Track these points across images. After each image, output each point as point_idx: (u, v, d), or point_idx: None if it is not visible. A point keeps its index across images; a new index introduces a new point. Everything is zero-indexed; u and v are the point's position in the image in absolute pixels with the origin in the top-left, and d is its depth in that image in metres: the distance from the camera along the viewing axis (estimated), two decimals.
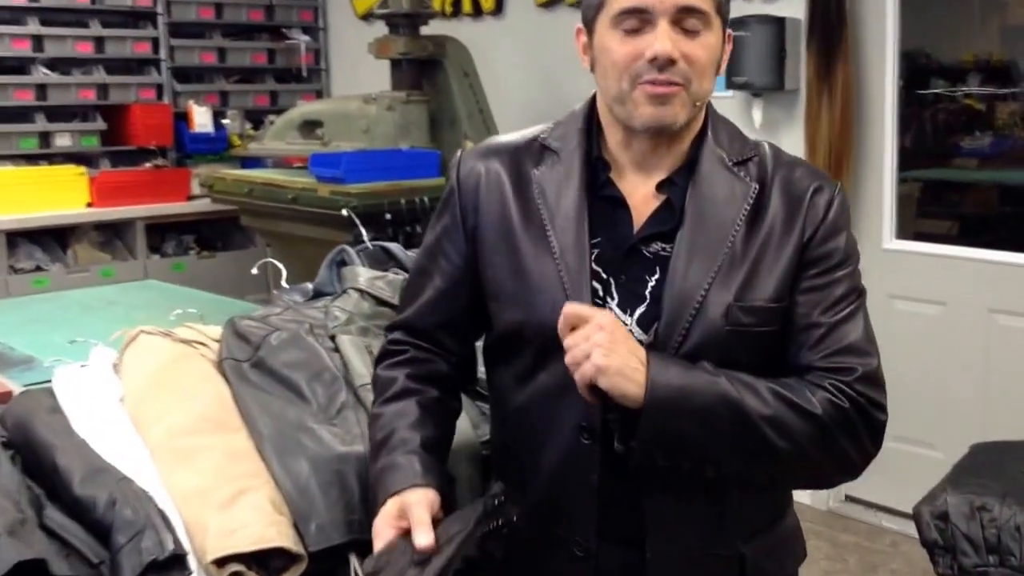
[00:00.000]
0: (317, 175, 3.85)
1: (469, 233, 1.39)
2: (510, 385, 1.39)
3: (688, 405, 1.20)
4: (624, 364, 1.19)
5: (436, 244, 1.43)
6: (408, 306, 1.47)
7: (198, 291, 3.10)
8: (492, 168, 1.38)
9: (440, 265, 1.42)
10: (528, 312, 1.32)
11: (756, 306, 1.27)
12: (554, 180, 1.34)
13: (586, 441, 1.30)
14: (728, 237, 1.28)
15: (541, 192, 1.34)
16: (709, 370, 1.23)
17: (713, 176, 1.31)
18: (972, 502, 2.23)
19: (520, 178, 1.37)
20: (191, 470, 1.44)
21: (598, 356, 1.18)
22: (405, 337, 1.46)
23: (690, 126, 1.31)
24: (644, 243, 1.31)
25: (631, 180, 1.34)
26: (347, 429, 1.59)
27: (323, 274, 2.12)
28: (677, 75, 1.25)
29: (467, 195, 1.39)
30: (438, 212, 1.44)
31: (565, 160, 1.35)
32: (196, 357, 1.74)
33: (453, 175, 1.42)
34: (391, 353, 1.47)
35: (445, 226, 1.42)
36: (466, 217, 1.39)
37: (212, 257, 5.09)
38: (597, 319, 1.20)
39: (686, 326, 1.26)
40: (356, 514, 1.46)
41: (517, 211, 1.35)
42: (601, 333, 1.19)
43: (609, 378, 1.18)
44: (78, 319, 2.67)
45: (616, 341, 1.19)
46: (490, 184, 1.38)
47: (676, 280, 1.27)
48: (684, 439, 1.22)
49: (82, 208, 4.73)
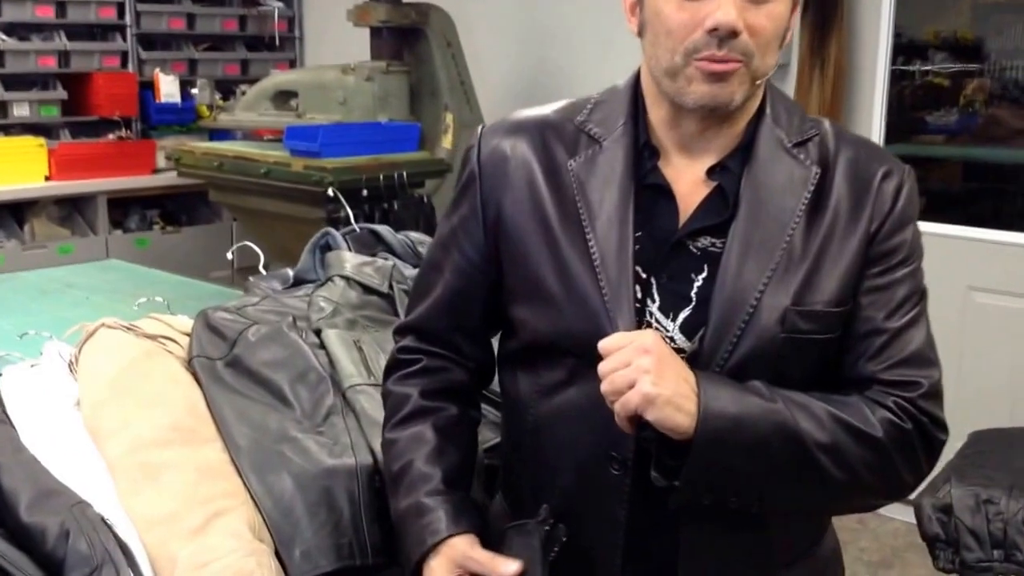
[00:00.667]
0: (291, 149, 3.67)
1: (490, 225, 1.21)
2: (530, 397, 1.22)
3: (742, 437, 1.06)
4: (675, 392, 1.03)
5: (451, 236, 1.25)
6: (418, 306, 1.30)
7: (164, 273, 2.90)
8: (519, 149, 1.20)
9: (454, 260, 1.25)
10: (559, 321, 1.15)
11: (816, 310, 1.12)
12: (596, 175, 1.17)
13: (616, 472, 1.14)
14: (787, 230, 1.12)
15: (580, 187, 1.17)
16: (764, 393, 1.08)
17: (771, 160, 1.15)
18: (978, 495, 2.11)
19: (552, 164, 1.19)
20: (157, 491, 1.26)
21: (646, 384, 1.02)
22: (416, 343, 1.29)
23: (746, 104, 1.14)
24: (691, 237, 1.14)
25: (676, 165, 1.17)
26: (335, 438, 1.41)
27: (305, 259, 1.94)
28: (738, 50, 1.07)
29: (489, 180, 1.21)
30: (455, 199, 1.26)
31: (608, 151, 1.17)
32: (163, 355, 1.55)
33: (473, 156, 1.23)
34: (401, 364, 1.30)
35: (462, 216, 1.24)
36: (487, 206, 1.21)
37: (177, 232, 4.88)
38: (639, 341, 1.05)
39: (737, 333, 1.10)
40: (346, 537, 1.30)
41: (553, 204, 1.17)
42: (647, 357, 1.03)
43: (659, 409, 1.03)
44: (31, 304, 2.47)
45: (664, 365, 1.04)
46: (517, 167, 1.19)
47: (727, 280, 1.11)
48: (734, 475, 1.08)
49: (40, 182, 4.50)
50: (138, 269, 3.04)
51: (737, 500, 1.10)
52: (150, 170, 4.80)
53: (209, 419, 1.43)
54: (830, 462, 1.09)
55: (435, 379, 1.28)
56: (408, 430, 1.26)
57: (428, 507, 1.19)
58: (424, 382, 1.28)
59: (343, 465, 1.35)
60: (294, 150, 3.66)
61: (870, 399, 1.12)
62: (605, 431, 1.12)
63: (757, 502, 1.11)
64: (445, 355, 1.28)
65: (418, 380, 1.28)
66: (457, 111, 4.01)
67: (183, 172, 4.16)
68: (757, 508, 1.11)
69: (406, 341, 1.31)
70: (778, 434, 1.07)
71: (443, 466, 1.22)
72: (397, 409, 1.28)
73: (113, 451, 1.33)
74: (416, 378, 1.28)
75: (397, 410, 1.28)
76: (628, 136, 1.17)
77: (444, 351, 1.28)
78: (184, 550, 1.18)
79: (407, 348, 1.30)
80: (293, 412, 1.47)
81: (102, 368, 1.50)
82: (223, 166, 3.89)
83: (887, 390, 1.12)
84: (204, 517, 1.23)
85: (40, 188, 4.50)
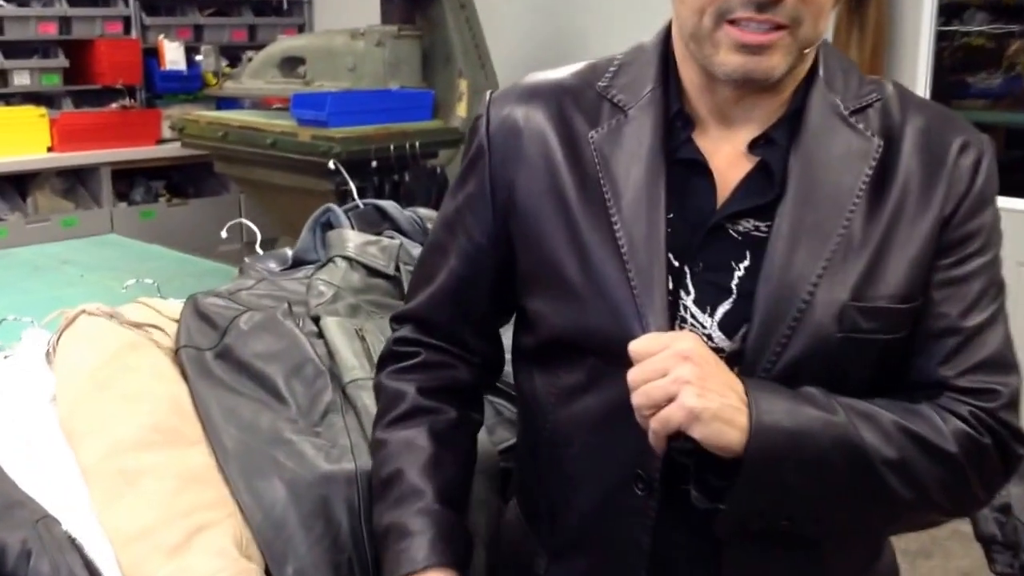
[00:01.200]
0: (298, 118, 3.55)
1: (500, 205, 1.06)
2: (546, 401, 1.08)
3: (800, 454, 0.92)
4: (723, 404, 0.89)
5: (456, 216, 1.11)
6: (418, 293, 1.15)
7: (164, 249, 2.78)
8: (533, 118, 1.05)
9: (459, 244, 1.10)
10: (579, 316, 1.01)
11: (879, 307, 0.97)
12: (621, 148, 1.02)
13: (640, 492, 1.00)
14: (844, 213, 0.97)
15: (603, 162, 1.02)
16: (822, 402, 0.94)
17: (825, 130, 0.99)
18: None
19: (571, 134, 1.04)
20: (134, 501, 1.13)
21: (690, 397, 0.88)
22: (415, 335, 1.15)
23: (794, 70, 0.98)
24: (731, 220, 0.99)
25: (713, 136, 1.02)
26: (333, 439, 1.28)
27: (305, 238, 1.79)
28: (783, 14, 0.91)
29: (499, 153, 1.06)
30: (461, 174, 1.12)
31: (635, 121, 1.02)
32: (147, 346, 1.41)
33: (481, 128, 1.08)
34: (398, 356, 1.16)
35: (469, 194, 1.09)
36: (497, 183, 1.06)
37: (184, 205, 4.76)
38: (677, 345, 0.90)
39: (787, 332, 0.95)
40: (345, 552, 1.17)
41: (572, 181, 1.02)
42: (687, 365, 0.89)
43: (707, 425, 0.89)
44: (22, 283, 2.35)
45: (708, 374, 0.90)
46: (531, 139, 1.05)
47: (775, 270, 0.96)
48: (789, 496, 0.94)
49: (43, 153, 4.38)
50: (137, 245, 2.92)
51: (790, 523, 0.96)
52: (155, 140, 4.67)
53: (195, 418, 1.30)
54: (898, 480, 0.95)
55: (434, 376, 1.14)
56: (401, 432, 1.12)
57: (411, 530, 1.05)
58: (422, 378, 1.14)
59: (341, 471, 1.21)
60: (301, 119, 3.53)
61: (942, 408, 0.98)
62: (628, 445, 0.98)
63: (812, 525, 0.97)
64: (447, 349, 1.14)
65: (415, 376, 1.14)
66: (472, 77, 3.86)
67: (187, 143, 4.04)
68: (811, 531, 0.98)
69: (404, 332, 1.17)
70: (839, 449, 0.93)
71: (437, 481, 1.08)
72: (390, 407, 1.14)
73: (88, 455, 1.20)
74: (413, 373, 1.14)
75: (390, 408, 1.14)
76: (657, 103, 1.02)
77: (446, 344, 1.14)
78: (163, 569, 1.05)
79: (405, 339, 1.16)
80: (288, 410, 1.33)
81: (80, 361, 1.37)
82: (228, 136, 3.77)
83: (961, 398, 0.98)
84: (185, 532, 1.10)
85: (42, 159, 4.39)
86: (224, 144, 3.81)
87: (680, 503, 0.98)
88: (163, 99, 4.84)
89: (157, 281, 2.19)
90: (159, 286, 1.80)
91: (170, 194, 4.84)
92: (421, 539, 1.04)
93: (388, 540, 1.06)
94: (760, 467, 0.90)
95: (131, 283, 1.79)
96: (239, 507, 1.17)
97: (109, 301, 1.68)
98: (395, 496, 1.08)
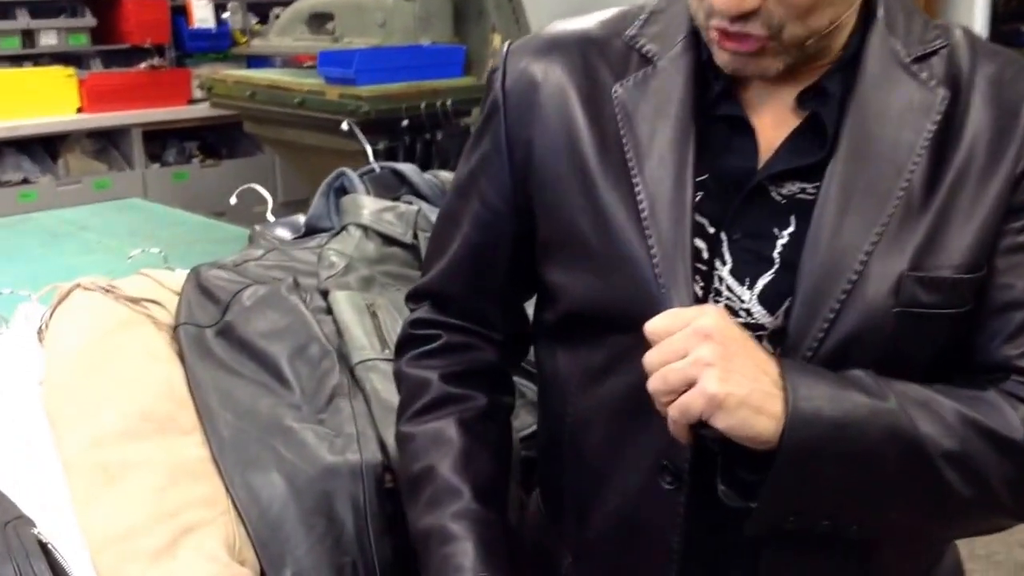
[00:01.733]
0: (325, 76, 3.42)
1: (518, 165, 0.95)
2: (567, 385, 0.97)
3: (844, 447, 0.80)
4: (752, 389, 0.78)
5: (470, 180, 1.00)
6: (432, 266, 1.05)
7: (187, 213, 2.69)
8: (553, 71, 0.94)
9: (474, 209, 0.99)
10: (598, 288, 0.90)
11: (942, 277, 0.84)
12: (646, 102, 0.90)
13: (668, 486, 0.89)
14: (904, 172, 0.85)
15: (626, 119, 0.90)
16: (871, 387, 0.82)
17: (884, 80, 0.87)
18: None
19: (594, 89, 0.93)
20: (115, 499, 1.03)
21: (711, 381, 0.77)
22: (433, 315, 1.05)
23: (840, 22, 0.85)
24: (774, 182, 0.87)
25: (756, 89, 0.90)
26: (338, 427, 1.17)
27: (318, 204, 1.69)
28: (757, 26, 0.81)
29: (516, 111, 0.95)
30: (475, 134, 1.01)
31: (664, 73, 0.91)
32: (142, 324, 1.32)
33: (497, 82, 0.97)
34: (417, 340, 1.05)
35: (484, 155, 0.98)
36: (514, 143, 0.95)
37: (217, 166, 4.67)
38: (698, 322, 0.79)
39: (835, 307, 0.84)
40: (349, 555, 1.07)
41: (592, 140, 0.91)
42: (708, 344, 0.78)
43: (731, 414, 0.77)
44: (39, 250, 2.27)
45: (733, 354, 0.78)
46: (550, 95, 0.93)
47: (823, 237, 0.84)
48: (830, 494, 0.82)
49: (72, 114, 4.30)
50: (160, 209, 2.84)
51: (832, 524, 0.84)
52: (185, 100, 4.57)
53: (191, 403, 1.20)
54: (959, 476, 0.83)
55: (458, 359, 1.04)
56: (428, 424, 1.02)
57: (454, 534, 0.96)
58: (445, 363, 1.03)
59: (345, 463, 1.11)
60: (328, 77, 3.41)
61: (1009, 394, 0.86)
62: (654, 433, 0.87)
63: (857, 527, 0.85)
64: (467, 327, 1.04)
65: (438, 361, 1.04)
66: (505, 32, 3.71)
67: (216, 103, 3.94)
68: (857, 533, 0.86)
69: (421, 312, 1.06)
70: (891, 442, 0.81)
71: (472, 477, 0.98)
72: (414, 397, 1.04)
73: (69, 447, 1.11)
74: (435, 358, 1.04)
75: (414, 398, 1.04)
76: (690, 53, 0.90)
77: (466, 322, 1.03)
78: None
79: (423, 321, 1.06)
80: (291, 394, 1.23)
81: (70, 340, 1.28)
82: (256, 95, 3.66)
83: None
84: (171, 534, 1.00)
85: (72, 121, 4.31)
86: (252, 104, 3.70)
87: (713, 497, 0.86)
88: (193, 58, 4.72)
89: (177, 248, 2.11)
90: (166, 256, 1.70)
91: (203, 155, 4.75)
92: (465, 544, 0.95)
93: (429, 544, 0.97)
94: (796, 461, 0.79)
95: (136, 253, 1.70)
96: (233, 503, 1.08)
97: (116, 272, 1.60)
98: (429, 496, 0.98)
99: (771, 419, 0.78)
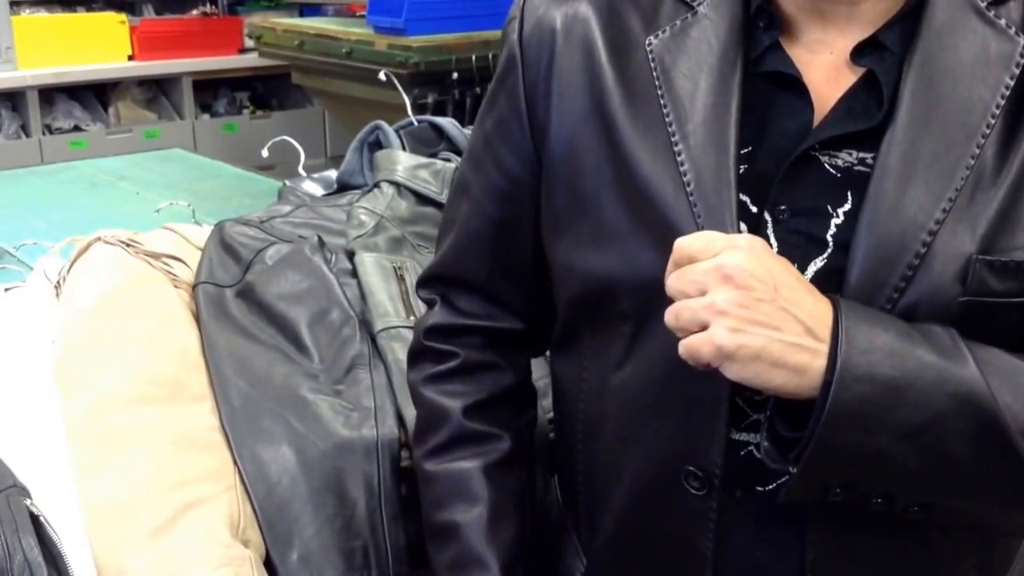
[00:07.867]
0: (374, 25, 3.33)
1: (539, 126, 0.85)
2: (577, 379, 0.88)
3: (901, 414, 0.70)
4: (771, 340, 0.68)
5: (485, 147, 0.91)
6: (446, 245, 0.95)
7: (226, 165, 2.63)
8: (575, 19, 0.84)
9: (490, 178, 0.90)
10: (625, 262, 0.80)
11: (1017, 261, 0.74)
12: (685, 56, 0.80)
13: (696, 491, 0.80)
14: (976, 137, 0.74)
15: (663, 74, 0.80)
16: (945, 345, 0.71)
17: (954, 29, 0.76)
18: None
19: (622, 40, 0.82)
20: (116, 469, 0.97)
21: (720, 332, 0.68)
22: (449, 320, 0.96)
23: None
24: (827, 149, 0.77)
25: (808, 42, 0.79)
26: (355, 400, 1.10)
27: (351, 159, 1.61)
28: None
29: (534, 66, 0.85)
30: (489, 97, 0.91)
31: (705, 22, 0.80)
32: (159, 282, 1.25)
33: (513, 32, 0.87)
34: (431, 355, 0.96)
35: (499, 118, 0.89)
36: (533, 101, 0.85)
37: (267, 117, 4.61)
38: (722, 258, 0.69)
39: (893, 295, 0.74)
40: (360, 539, 1.00)
41: (619, 96, 0.81)
42: (726, 288, 0.69)
43: (743, 366, 0.69)
44: (76, 199, 2.23)
45: (756, 300, 0.69)
46: (572, 46, 0.83)
47: (882, 213, 0.74)
48: (883, 465, 0.72)
49: (123, 61, 4.26)
50: (202, 160, 2.78)
51: (884, 503, 0.74)
52: (236, 49, 4.50)
53: (203, 369, 1.14)
54: None
55: (478, 386, 0.95)
56: (451, 464, 0.94)
57: None
58: (465, 391, 0.95)
59: (360, 439, 1.04)
60: (378, 26, 3.31)
61: None
62: (678, 434, 0.78)
63: (919, 508, 0.75)
64: (487, 329, 0.95)
65: (458, 386, 0.95)
66: None
67: (264, 52, 3.87)
68: (916, 517, 0.76)
69: (435, 317, 0.96)
70: (960, 412, 0.71)
71: (499, 545, 0.91)
72: (433, 428, 0.95)
73: (74, 411, 1.05)
74: (454, 382, 0.95)
75: (432, 429, 0.95)
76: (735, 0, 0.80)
77: (484, 320, 0.94)
78: (139, 557, 0.90)
79: (437, 330, 0.96)
80: (309, 362, 1.16)
81: (86, 297, 1.22)
82: (304, 45, 3.58)
83: None
84: (171, 509, 0.94)
85: (123, 68, 4.26)
86: (301, 54, 3.61)
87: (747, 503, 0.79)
88: (245, 6, 4.66)
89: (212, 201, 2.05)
90: (195, 209, 1.64)
91: (254, 106, 4.70)
92: None
93: None
94: (840, 424, 0.69)
95: (164, 205, 1.64)
96: (240, 477, 1.02)
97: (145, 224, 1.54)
98: (453, 557, 0.92)
99: (794, 372, 0.69)
